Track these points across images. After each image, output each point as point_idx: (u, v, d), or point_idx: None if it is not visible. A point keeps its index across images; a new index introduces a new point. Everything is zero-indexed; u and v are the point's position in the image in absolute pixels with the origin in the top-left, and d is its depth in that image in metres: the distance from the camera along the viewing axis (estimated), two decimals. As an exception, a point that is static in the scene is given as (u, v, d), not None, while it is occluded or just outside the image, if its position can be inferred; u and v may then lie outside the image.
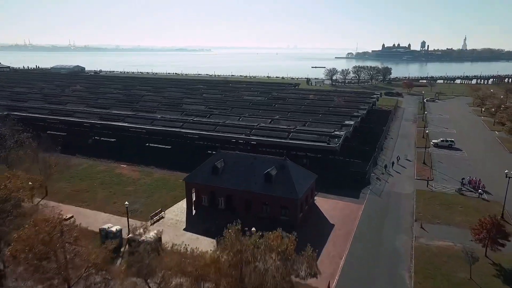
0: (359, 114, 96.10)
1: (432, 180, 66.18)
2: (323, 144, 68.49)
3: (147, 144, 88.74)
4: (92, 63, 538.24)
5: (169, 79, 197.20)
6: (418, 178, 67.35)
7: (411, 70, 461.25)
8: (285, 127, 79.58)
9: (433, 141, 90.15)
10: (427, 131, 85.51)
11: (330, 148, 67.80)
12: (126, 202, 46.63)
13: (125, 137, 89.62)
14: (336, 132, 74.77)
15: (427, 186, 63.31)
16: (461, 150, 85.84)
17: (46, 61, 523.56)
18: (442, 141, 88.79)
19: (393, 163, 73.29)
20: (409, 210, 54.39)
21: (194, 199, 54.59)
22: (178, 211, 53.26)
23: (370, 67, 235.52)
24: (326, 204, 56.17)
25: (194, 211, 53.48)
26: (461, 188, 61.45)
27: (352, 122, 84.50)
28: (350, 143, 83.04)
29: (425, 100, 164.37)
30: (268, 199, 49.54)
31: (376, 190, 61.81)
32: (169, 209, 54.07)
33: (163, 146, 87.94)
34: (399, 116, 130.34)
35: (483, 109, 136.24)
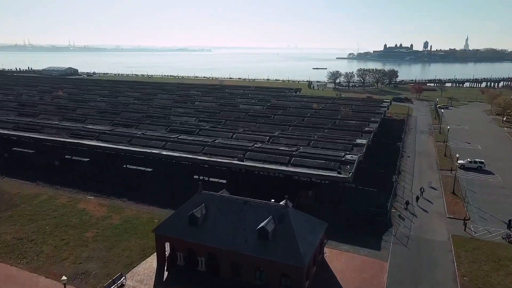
0: (371, 129, 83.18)
1: (469, 219, 53.29)
2: (332, 174, 55.56)
3: (125, 166, 76.08)
4: (88, 64, 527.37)
5: (162, 84, 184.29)
6: (451, 216, 54.45)
7: (415, 72, 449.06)
8: (286, 148, 66.66)
9: (459, 161, 77.20)
10: (458, 156, 72.62)
11: (341, 180, 54.89)
12: (64, 277, 33.73)
13: (100, 156, 76.86)
14: (347, 156, 61.82)
15: (465, 230, 50.44)
16: (493, 174, 72.91)
17: (44, 62, 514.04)
18: (470, 162, 75.78)
19: (417, 197, 59.96)
20: (449, 270, 41.48)
21: (168, 254, 41.84)
22: (145, 274, 40.36)
23: (376, 70, 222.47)
24: (339, 260, 43.29)
25: (166, 274, 40.61)
26: (510, 235, 48.57)
27: (364, 142, 71.57)
28: (362, 164, 70.16)
29: (437, 107, 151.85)
30: (263, 264, 36.73)
31: (401, 236, 48.94)
32: (134, 269, 41.20)
33: (143, 169, 75.21)
34: (412, 126, 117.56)
35: (504, 119, 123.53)
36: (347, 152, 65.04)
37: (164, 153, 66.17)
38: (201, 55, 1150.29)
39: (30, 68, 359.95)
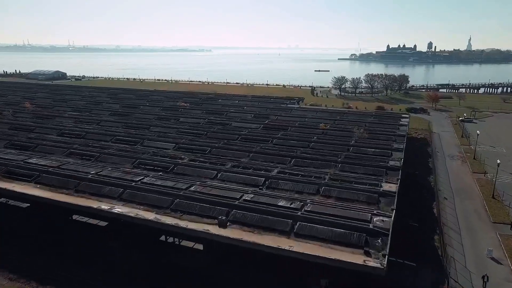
0: (397, 164, 64.01)
1: None
2: (358, 260, 36.50)
3: (71, 218, 57.35)
4: (83, 66, 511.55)
5: (149, 92, 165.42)
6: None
7: (420, 74, 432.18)
8: (287, 204, 47.59)
9: (516, 210, 58.42)
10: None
11: (371, 271, 35.83)
12: None
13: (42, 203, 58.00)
14: (375, 220, 42.84)
15: None
16: None
17: (38, 63, 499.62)
18: (533, 213, 56.82)
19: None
20: None
21: None
22: None
23: (385, 75, 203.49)
24: None
25: None
26: None
27: (394, 189, 52.53)
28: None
29: (459, 120, 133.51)
30: None
31: None
32: None
33: (96, 223, 56.54)
34: (438, 147, 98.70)
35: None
36: (373, 210, 46.06)
37: (116, 210, 47.00)
38: (200, 55, 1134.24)
39: (17, 71, 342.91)
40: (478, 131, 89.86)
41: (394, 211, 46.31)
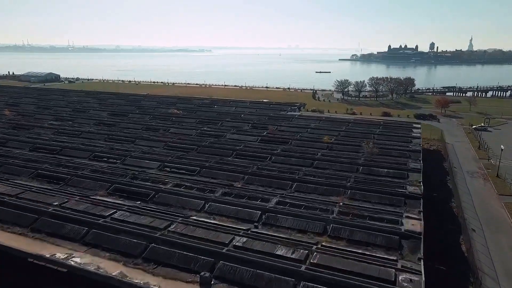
0: (418, 190, 54.62)
1: None
2: None
3: (30, 259, 47.78)
4: (81, 66, 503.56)
5: (142, 96, 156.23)
6: None
7: (422, 74, 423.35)
8: (288, 251, 38.19)
9: None
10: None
11: None
12: None
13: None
14: (402, 281, 33.41)
15: None
16: None
17: (35, 64, 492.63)
18: None
19: None
20: None
21: None
22: None
23: (391, 78, 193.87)
24: None
25: None
26: None
27: (418, 228, 43.18)
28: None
29: (472, 128, 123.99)
30: None
31: None
32: None
33: (56, 267, 46.89)
34: (455, 162, 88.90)
35: None
36: (396, 262, 36.65)
37: (73, 261, 37.49)
38: (200, 56, 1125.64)
39: (10, 73, 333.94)
40: (502, 146, 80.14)
41: (422, 261, 36.95)
